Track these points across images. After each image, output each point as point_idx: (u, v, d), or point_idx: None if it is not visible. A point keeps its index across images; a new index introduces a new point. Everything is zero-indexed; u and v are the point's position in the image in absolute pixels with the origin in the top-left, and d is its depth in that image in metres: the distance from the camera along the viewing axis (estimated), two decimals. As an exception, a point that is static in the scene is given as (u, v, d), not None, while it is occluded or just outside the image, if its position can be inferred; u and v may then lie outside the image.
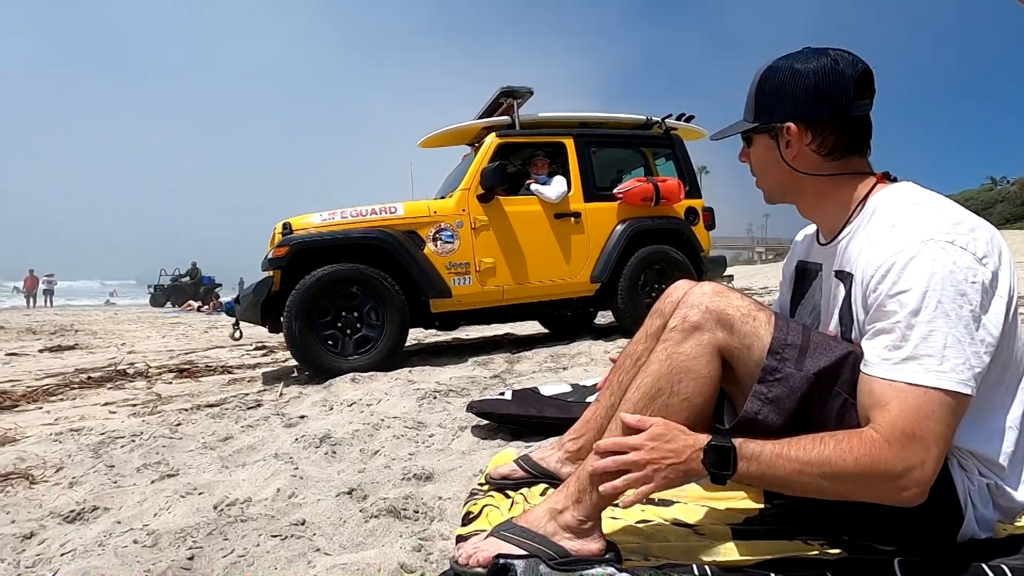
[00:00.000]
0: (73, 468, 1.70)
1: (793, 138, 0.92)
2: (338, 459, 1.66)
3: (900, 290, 0.78)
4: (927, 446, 0.75)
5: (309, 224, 3.32)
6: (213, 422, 2.22)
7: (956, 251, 0.78)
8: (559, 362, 3.13)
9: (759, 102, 0.95)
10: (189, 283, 20.07)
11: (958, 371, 0.76)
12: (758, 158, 0.99)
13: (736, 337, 0.88)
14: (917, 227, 0.81)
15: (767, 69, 0.95)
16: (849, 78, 0.89)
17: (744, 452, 0.80)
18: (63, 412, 2.70)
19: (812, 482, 0.79)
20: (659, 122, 4.27)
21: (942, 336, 0.76)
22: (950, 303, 0.76)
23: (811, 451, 0.78)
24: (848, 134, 0.92)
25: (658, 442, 0.84)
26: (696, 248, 4.12)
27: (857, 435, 0.78)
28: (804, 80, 0.90)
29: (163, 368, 4.11)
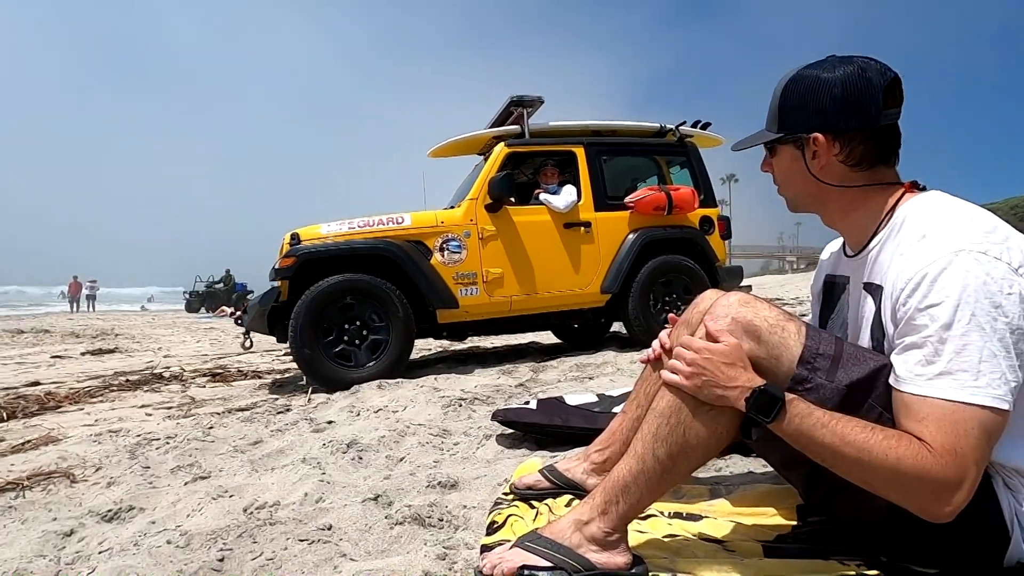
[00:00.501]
0: (111, 468, 1.76)
1: (820, 149, 0.91)
2: (364, 465, 1.68)
3: (931, 303, 0.76)
4: (967, 464, 0.73)
5: (317, 234, 3.35)
6: (244, 426, 2.27)
7: (990, 261, 0.76)
8: (584, 371, 3.11)
9: (783, 112, 0.93)
10: (223, 290, 20.66)
11: (994, 386, 0.73)
12: (782, 169, 0.98)
13: (764, 347, 0.86)
14: (948, 237, 0.79)
15: (791, 78, 0.93)
16: (878, 87, 0.87)
17: (791, 408, 0.80)
18: (103, 414, 2.80)
19: (844, 462, 0.78)
20: (673, 130, 4.21)
21: (976, 350, 0.73)
22: (984, 316, 0.74)
23: (858, 434, 0.77)
24: (877, 144, 0.90)
25: (718, 358, 0.85)
26: (711, 258, 4.03)
27: (907, 437, 0.76)
28: (831, 89, 0.88)
29: (197, 372, 4.23)
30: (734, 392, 0.83)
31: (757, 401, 0.81)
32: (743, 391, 0.82)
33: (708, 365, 0.84)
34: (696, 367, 0.85)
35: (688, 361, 0.86)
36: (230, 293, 20.42)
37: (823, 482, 0.92)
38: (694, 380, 0.85)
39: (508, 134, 3.91)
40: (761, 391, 0.81)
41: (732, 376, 0.83)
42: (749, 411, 0.82)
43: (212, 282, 21.55)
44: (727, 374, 0.84)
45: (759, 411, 0.81)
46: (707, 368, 0.84)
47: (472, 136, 4.11)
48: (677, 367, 0.88)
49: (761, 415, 0.81)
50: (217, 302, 19.86)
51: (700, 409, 0.87)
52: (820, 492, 0.95)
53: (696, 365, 0.85)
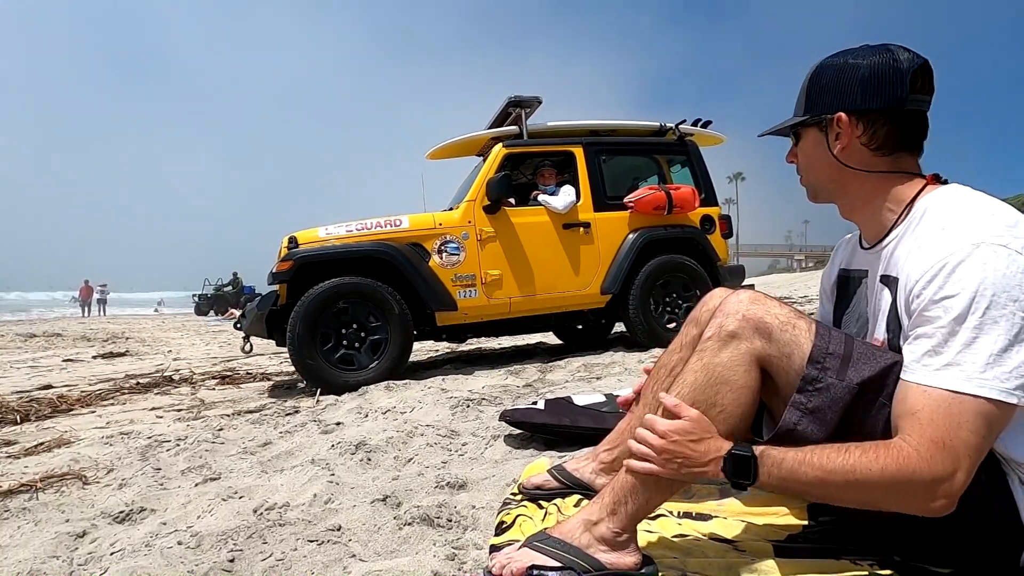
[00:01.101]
0: (123, 470, 1.78)
1: (843, 129, 0.89)
2: (373, 466, 1.68)
3: (947, 295, 0.75)
4: (957, 456, 0.72)
5: (315, 238, 3.35)
6: (253, 427, 2.28)
7: (1010, 255, 0.74)
8: (592, 371, 3.10)
9: (811, 96, 0.93)
10: (231, 292, 20.72)
11: (1004, 379, 0.72)
12: (807, 153, 0.96)
13: (775, 346, 0.85)
14: (968, 230, 0.78)
15: (821, 63, 0.93)
16: (906, 71, 0.86)
17: (765, 460, 0.79)
18: (114, 416, 2.82)
19: (836, 491, 0.77)
20: (672, 128, 4.19)
21: (989, 343, 0.72)
22: (1000, 309, 0.73)
23: (835, 459, 0.76)
24: (901, 128, 0.88)
25: (685, 437, 0.84)
26: (712, 257, 4.00)
27: (884, 445, 0.75)
28: (858, 72, 0.88)
29: (206, 375, 4.26)
30: (709, 467, 0.83)
31: (734, 468, 0.81)
32: (717, 462, 0.82)
33: (677, 448, 0.84)
34: (667, 453, 0.84)
35: (658, 449, 0.85)
36: (238, 296, 20.53)
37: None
38: (669, 467, 0.85)
39: (506, 135, 3.90)
40: (732, 455, 0.81)
41: (703, 451, 0.83)
42: (729, 478, 0.81)
43: (220, 285, 21.66)
44: (698, 450, 0.83)
45: (738, 476, 0.81)
46: (677, 451, 0.84)
47: (470, 137, 4.11)
48: (647, 454, 0.86)
49: (742, 479, 0.80)
50: (225, 305, 19.97)
51: (711, 408, 0.86)
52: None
53: (666, 452, 0.84)
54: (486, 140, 4.06)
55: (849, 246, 1.07)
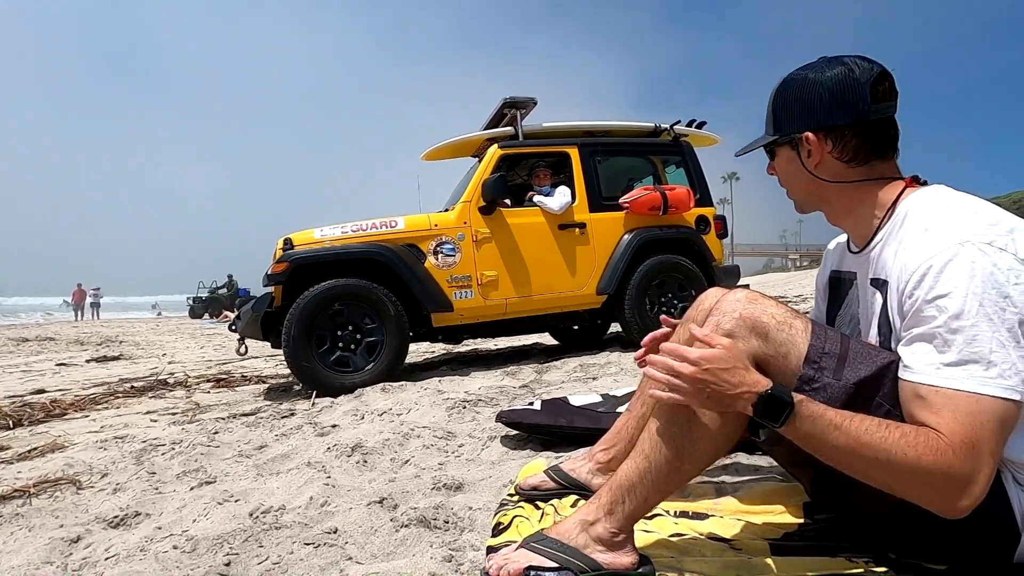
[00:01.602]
0: (117, 474, 1.76)
1: (813, 147, 0.92)
2: (369, 468, 1.68)
3: (939, 294, 0.76)
4: (983, 457, 0.73)
5: (310, 239, 3.34)
6: (249, 431, 2.27)
7: (996, 252, 0.75)
8: (588, 372, 3.10)
9: (776, 115, 0.95)
10: (226, 295, 20.53)
11: (1005, 376, 0.73)
12: (783, 169, 0.99)
13: (771, 345, 0.85)
14: (952, 229, 0.79)
15: (781, 82, 0.95)
16: (864, 83, 0.87)
17: (802, 410, 0.77)
18: (108, 420, 2.80)
19: (861, 464, 0.76)
20: (667, 129, 4.19)
21: (987, 340, 0.73)
22: (992, 306, 0.73)
23: (873, 434, 0.75)
24: (868, 139, 0.90)
25: (716, 365, 0.80)
26: (707, 257, 4.01)
27: (924, 433, 0.74)
28: (818, 89, 0.90)
29: (201, 378, 4.24)
30: (740, 400, 0.79)
31: (766, 406, 0.78)
32: (750, 396, 0.79)
33: (708, 376, 0.80)
34: (698, 382, 0.81)
35: (687, 375, 0.81)
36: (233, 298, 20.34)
37: (832, 479, 0.91)
38: (698, 395, 0.81)
39: (501, 136, 3.90)
40: (769, 395, 0.78)
41: (735, 382, 0.80)
42: (757, 416, 0.79)
43: (215, 287, 21.47)
44: (730, 381, 0.80)
45: (767, 416, 0.78)
46: (708, 380, 0.80)
47: (466, 138, 4.11)
48: (675, 384, 0.82)
49: (770, 420, 0.78)
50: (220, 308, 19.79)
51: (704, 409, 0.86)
52: (829, 489, 0.95)
53: (697, 380, 0.81)
54: (482, 141, 4.06)
55: (839, 248, 1.08)
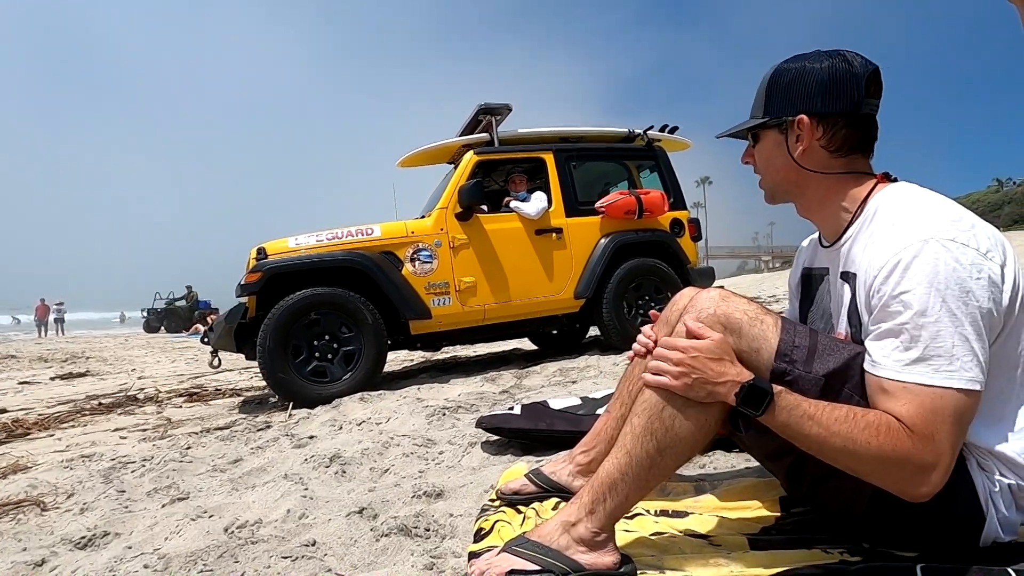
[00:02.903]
0: (84, 494, 1.70)
1: (804, 131, 0.92)
2: (348, 478, 1.65)
3: (904, 290, 0.78)
4: (943, 447, 0.76)
5: (285, 248, 3.29)
6: (223, 445, 2.22)
7: (958, 248, 0.78)
8: (568, 376, 3.11)
9: (769, 98, 0.95)
10: (184, 307, 19.68)
11: (967, 368, 0.76)
12: (764, 154, 0.99)
13: (744, 341, 0.87)
14: (917, 225, 0.81)
15: (778, 67, 0.95)
16: (861, 75, 0.90)
17: (780, 400, 0.81)
18: (74, 439, 2.71)
19: (831, 452, 0.80)
20: (641, 134, 4.25)
21: (949, 335, 0.76)
22: (955, 301, 0.76)
23: (842, 423, 0.79)
24: (857, 131, 0.92)
25: (704, 355, 0.85)
26: (682, 260, 4.07)
27: (888, 423, 0.78)
28: (817, 75, 0.91)
29: (173, 392, 4.13)
30: (724, 388, 0.83)
31: (747, 396, 0.82)
32: (733, 385, 0.83)
33: (696, 363, 0.85)
34: (684, 366, 0.85)
35: (675, 361, 0.86)
36: (192, 310, 19.40)
37: (806, 474, 0.93)
38: (683, 380, 0.85)
39: (477, 142, 3.91)
40: (751, 386, 0.82)
41: (721, 372, 0.84)
42: (739, 405, 0.83)
43: (173, 299, 20.49)
44: (716, 370, 0.84)
45: (748, 405, 0.82)
46: (695, 367, 0.84)
47: (441, 145, 4.10)
48: (663, 368, 0.87)
49: (751, 409, 0.82)
50: (178, 320, 18.82)
51: (687, 402, 0.87)
52: (804, 484, 0.97)
53: (684, 365, 0.85)
54: (457, 147, 4.07)
55: (811, 245, 1.10)
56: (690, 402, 0.87)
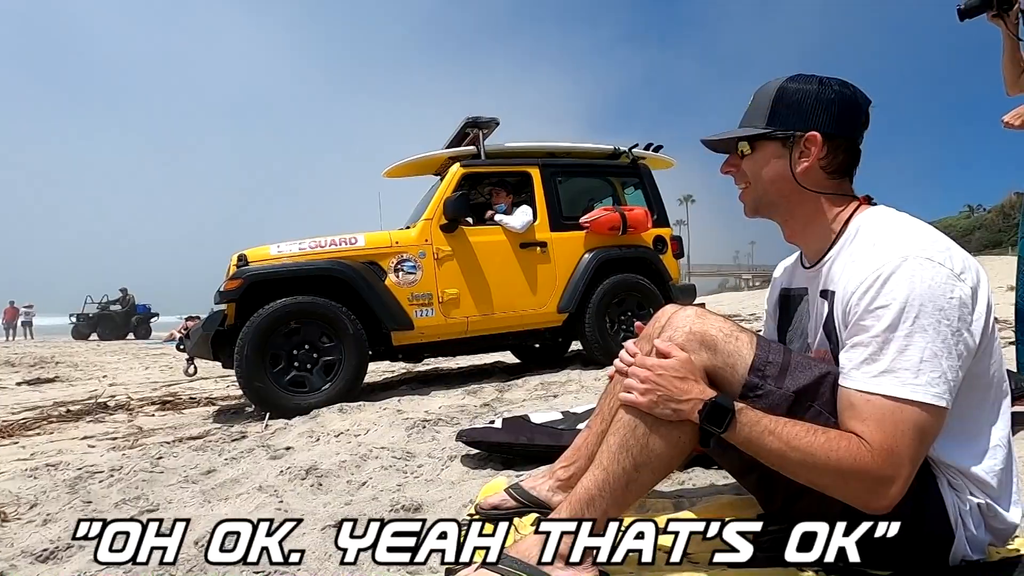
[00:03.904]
0: (48, 504, 1.65)
1: (815, 148, 0.93)
2: (324, 491, 1.62)
3: (879, 305, 0.80)
4: (902, 461, 0.78)
5: (266, 255, 3.25)
6: (196, 455, 2.17)
7: (934, 267, 0.80)
8: (549, 390, 3.11)
9: (775, 111, 0.95)
10: (120, 312, 18.23)
11: (933, 384, 0.77)
12: (760, 165, 0.97)
13: (720, 357, 0.89)
14: (896, 244, 0.84)
15: (787, 80, 0.96)
16: (864, 107, 0.94)
17: (741, 417, 0.83)
18: (40, 447, 2.62)
19: (791, 466, 0.82)
20: (626, 152, 4.32)
21: (919, 350, 0.78)
22: (928, 318, 0.78)
23: (802, 439, 0.81)
24: (850, 157, 0.96)
25: (670, 373, 0.87)
26: (664, 276, 4.12)
27: (847, 439, 0.80)
28: (831, 97, 0.93)
29: (145, 400, 4.02)
30: (687, 405, 0.85)
31: (710, 413, 0.84)
32: (696, 403, 0.85)
33: (661, 381, 0.87)
34: (650, 384, 0.88)
35: (642, 379, 0.89)
36: (129, 315, 18.07)
37: (778, 491, 0.94)
38: (648, 397, 0.87)
39: (464, 155, 3.93)
40: (713, 403, 0.84)
41: (685, 389, 0.86)
42: (702, 423, 0.84)
43: (107, 303, 18.68)
44: (680, 388, 0.86)
45: (711, 422, 0.84)
46: (660, 384, 0.87)
47: (428, 156, 4.12)
48: (632, 385, 0.90)
49: (713, 426, 0.84)
50: (112, 326, 17.56)
51: (660, 419, 0.88)
52: (777, 500, 0.98)
53: (650, 382, 0.88)
54: (444, 159, 4.08)
55: (788, 268, 1.12)
56: (662, 420, 0.88)
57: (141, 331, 17.79)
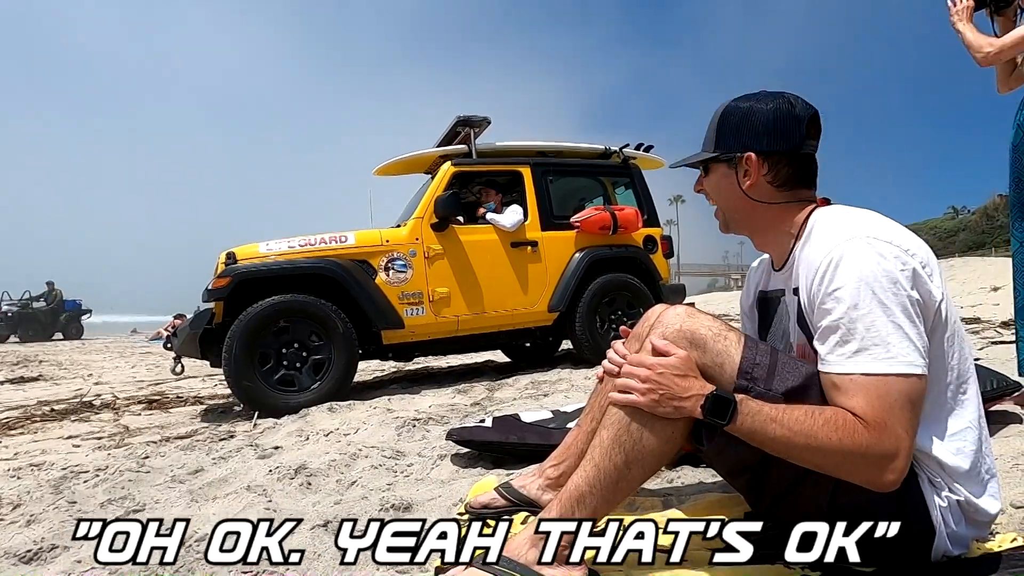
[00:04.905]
0: (32, 505, 1.62)
1: (752, 167, 0.98)
2: (313, 491, 1.62)
3: (835, 287, 0.83)
4: (898, 433, 0.79)
5: (255, 253, 3.23)
6: (183, 454, 2.15)
7: (881, 244, 0.83)
8: (540, 389, 3.12)
9: (720, 134, 1.01)
10: (44, 308, 16.06)
11: (904, 353, 0.80)
12: (715, 185, 1.04)
13: (708, 355, 0.90)
14: (843, 230, 0.87)
15: (728, 106, 1.01)
16: (802, 118, 0.96)
17: (743, 407, 0.84)
18: (23, 447, 2.58)
19: (796, 450, 0.83)
20: (617, 152, 4.33)
21: (883, 323, 0.80)
22: (883, 292, 0.81)
23: (803, 422, 0.82)
24: (799, 169, 0.98)
25: (670, 371, 0.88)
26: (655, 276, 4.15)
27: (843, 417, 0.81)
28: (764, 116, 0.97)
29: (131, 399, 3.98)
30: (690, 402, 0.86)
31: (712, 406, 0.85)
32: (698, 399, 0.86)
33: (663, 380, 0.88)
34: (651, 383, 0.88)
35: (642, 379, 0.89)
36: (57, 314, 16.09)
37: (767, 490, 0.95)
38: (650, 396, 0.88)
39: (455, 153, 3.92)
40: (715, 396, 0.85)
41: (686, 387, 0.87)
42: (706, 416, 0.85)
43: (28, 300, 16.22)
44: (681, 385, 0.87)
45: (715, 415, 0.85)
46: (662, 383, 0.88)
47: (419, 154, 4.11)
48: (631, 385, 0.90)
49: (717, 419, 0.85)
50: (36, 325, 15.50)
51: (653, 416, 0.89)
52: (765, 499, 0.99)
53: (651, 381, 0.88)
54: (435, 158, 4.07)
55: (763, 268, 1.14)
56: (656, 416, 0.89)
57: (72, 330, 15.92)
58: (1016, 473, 1.32)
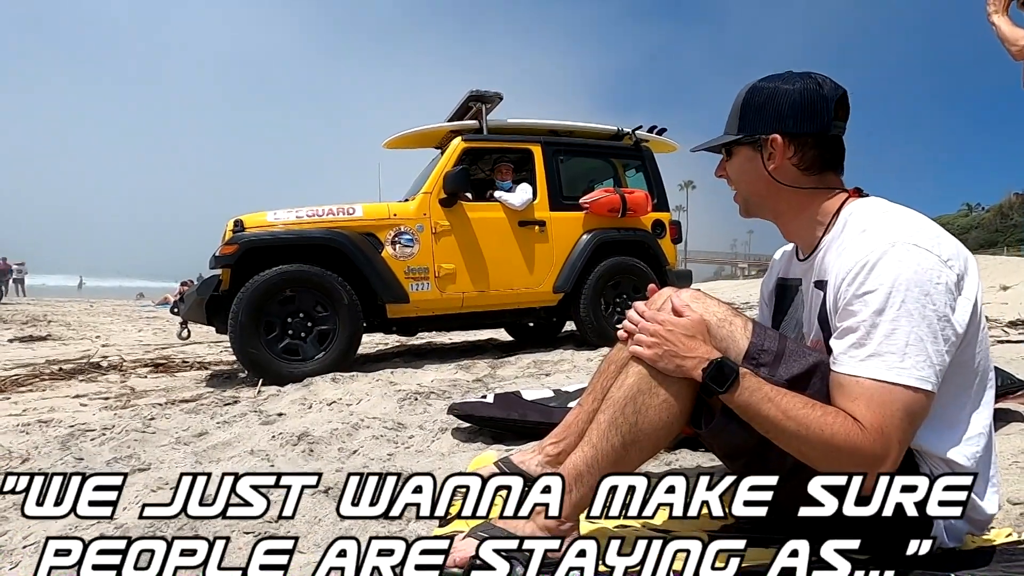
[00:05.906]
0: (39, 460, 1.66)
1: (777, 150, 0.95)
2: (315, 458, 1.64)
3: (866, 290, 0.81)
4: (891, 442, 0.79)
5: (263, 222, 3.23)
6: (188, 417, 2.18)
7: (921, 253, 0.81)
8: (542, 368, 3.13)
9: (744, 116, 0.98)
10: None
11: (919, 368, 0.78)
12: (739, 169, 1.02)
13: (713, 341, 0.90)
14: (884, 231, 0.85)
15: (753, 86, 0.98)
16: (831, 99, 0.93)
17: (743, 382, 0.84)
18: (32, 403, 2.63)
19: (785, 435, 0.83)
20: (630, 133, 4.28)
21: (904, 334, 0.79)
22: (914, 303, 0.79)
23: (799, 409, 0.82)
24: (826, 151, 0.95)
25: (680, 331, 0.89)
26: (662, 261, 4.13)
27: (842, 416, 0.81)
28: (790, 97, 0.94)
29: (138, 362, 4.03)
30: (691, 362, 0.87)
31: (714, 372, 0.85)
32: (700, 362, 0.86)
33: (669, 336, 0.89)
34: (658, 337, 0.89)
35: (651, 332, 0.90)
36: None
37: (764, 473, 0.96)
38: (654, 350, 0.89)
39: (466, 129, 3.88)
40: (719, 363, 0.85)
41: (691, 347, 0.87)
42: (705, 380, 0.85)
43: None
44: (687, 345, 0.88)
45: (714, 381, 0.85)
46: (668, 339, 0.89)
47: (429, 129, 4.07)
48: (640, 338, 0.91)
49: (715, 385, 0.85)
50: None
51: (654, 397, 0.89)
52: (763, 484, 0.99)
53: (658, 335, 0.89)
54: (445, 133, 4.03)
55: (786, 256, 1.13)
56: (655, 399, 0.89)
57: None
58: (1015, 470, 1.32)
